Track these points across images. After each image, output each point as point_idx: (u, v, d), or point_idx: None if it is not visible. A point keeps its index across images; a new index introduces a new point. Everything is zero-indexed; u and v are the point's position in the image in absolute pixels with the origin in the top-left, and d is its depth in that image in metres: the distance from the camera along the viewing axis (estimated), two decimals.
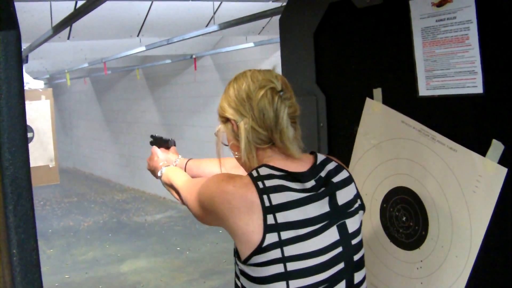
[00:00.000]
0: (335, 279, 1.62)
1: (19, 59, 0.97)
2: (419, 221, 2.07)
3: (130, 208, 11.15)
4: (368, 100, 2.22)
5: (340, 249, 1.63)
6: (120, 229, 9.52)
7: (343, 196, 1.69)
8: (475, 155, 1.86)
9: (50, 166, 6.56)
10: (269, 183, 1.58)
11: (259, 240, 1.53)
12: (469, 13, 1.83)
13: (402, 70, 2.07)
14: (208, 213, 1.67)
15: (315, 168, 1.70)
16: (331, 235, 1.62)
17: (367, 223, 2.27)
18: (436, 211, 2.00)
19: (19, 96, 0.98)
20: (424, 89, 2.01)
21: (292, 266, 1.54)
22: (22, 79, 0.99)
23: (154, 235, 8.98)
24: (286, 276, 1.54)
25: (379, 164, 2.20)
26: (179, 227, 9.34)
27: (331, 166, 1.74)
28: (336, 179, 1.71)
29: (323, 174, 1.69)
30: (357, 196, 1.76)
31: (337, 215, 1.65)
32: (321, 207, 1.62)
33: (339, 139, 2.39)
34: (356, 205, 1.73)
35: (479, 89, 1.84)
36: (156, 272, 7.09)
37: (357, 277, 1.69)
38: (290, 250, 1.54)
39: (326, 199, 1.65)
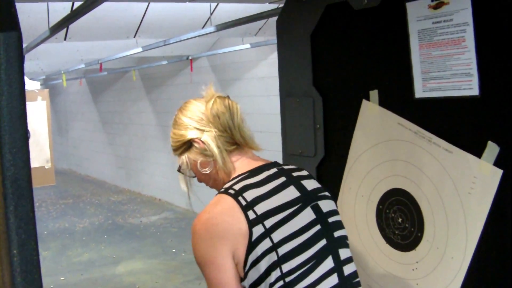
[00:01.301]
0: (321, 255, 1.70)
1: (21, 61, 0.98)
2: (415, 223, 2.08)
3: (125, 210, 11.13)
4: (364, 102, 2.23)
5: (318, 226, 1.73)
6: (115, 230, 9.50)
7: (309, 184, 1.82)
8: (470, 157, 1.87)
9: (46, 167, 6.56)
10: (237, 186, 1.70)
11: (248, 236, 1.61)
12: (466, 16, 1.84)
13: (399, 72, 2.09)
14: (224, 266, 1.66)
15: (275, 163, 1.86)
16: (308, 215, 1.73)
17: (363, 224, 2.28)
18: (431, 213, 2.01)
19: (20, 97, 0.99)
20: (420, 91, 2.02)
21: (282, 250, 1.63)
22: (23, 80, 1.00)
23: (149, 236, 8.98)
24: (279, 262, 1.62)
25: (375, 165, 2.21)
26: (175, 229, 9.33)
27: (292, 166, 1.89)
28: (296, 173, 1.84)
29: (285, 167, 1.85)
30: (324, 189, 1.87)
31: (308, 198, 1.77)
32: (291, 193, 1.75)
33: (335, 141, 2.40)
34: (325, 193, 1.84)
35: (475, 91, 1.85)
36: (152, 273, 7.09)
37: (343, 253, 1.77)
38: (277, 236, 1.64)
39: (292, 187, 1.76)
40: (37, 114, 6.19)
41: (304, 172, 1.88)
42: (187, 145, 1.84)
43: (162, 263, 7.51)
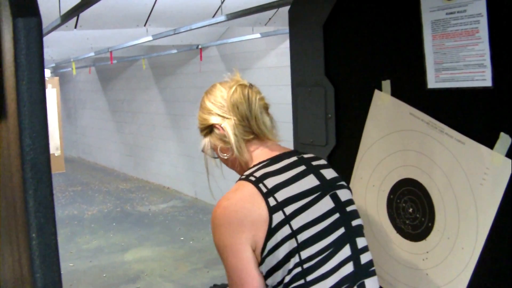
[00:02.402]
0: (339, 243, 1.73)
1: (41, 46, 0.99)
2: (425, 213, 2.08)
3: (134, 198, 11.17)
4: (376, 92, 2.23)
5: (337, 215, 1.76)
6: (124, 218, 9.55)
7: (328, 173, 1.85)
8: (483, 148, 1.87)
9: (56, 154, 6.60)
10: (258, 173, 1.73)
11: (267, 222, 1.64)
12: (480, 7, 1.84)
13: (411, 63, 2.09)
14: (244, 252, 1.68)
15: (295, 151, 1.89)
16: (327, 203, 1.76)
17: (374, 214, 2.29)
18: (443, 203, 2.02)
19: (40, 82, 1.00)
20: (433, 82, 2.02)
21: (301, 237, 1.66)
22: (43, 66, 1.01)
23: (158, 224, 9.01)
24: (298, 248, 1.65)
25: (386, 155, 2.22)
26: (183, 217, 9.36)
27: (309, 155, 1.91)
28: (315, 163, 1.87)
29: (305, 156, 1.88)
30: (341, 178, 1.90)
31: (327, 187, 1.80)
32: (310, 181, 1.78)
33: (347, 131, 2.41)
34: (343, 183, 1.88)
35: (488, 82, 1.85)
36: (160, 261, 7.12)
37: (360, 242, 1.80)
38: (296, 223, 1.66)
39: (312, 175, 1.79)
40: (47, 102, 6.21)
41: (323, 161, 1.90)
42: (209, 129, 1.88)
43: (170, 251, 7.55)
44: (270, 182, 1.70)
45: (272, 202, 1.66)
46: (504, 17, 1.79)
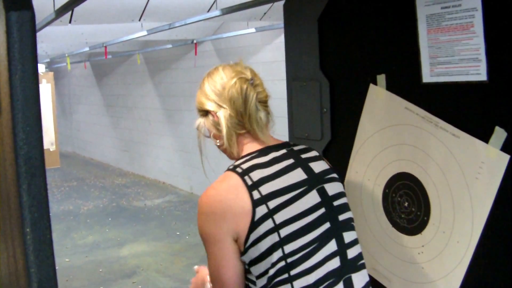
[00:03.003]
0: (324, 237, 1.74)
1: (34, 40, 0.98)
2: (421, 207, 2.09)
3: (129, 193, 11.17)
4: (371, 86, 2.23)
5: (323, 209, 1.76)
6: (119, 213, 9.54)
7: (317, 166, 1.85)
8: (478, 142, 1.87)
9: (51, 149, 6.58)
10: (245, 165, 1.74)
11: (250, 215, 1.65)
12: (474, 1, 1.83)
13: (406, 57, 2.08)
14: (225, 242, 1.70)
15: (286, 143, 1.89)
16: (313, 198, 1.76)
17: (370, 208, 2.29)
18: (438, 197, 2.02)
19: (33, 76, 1.00)
20: (428, 76, 2.02)
21: (284, 231, 1.67)
22: (36, 59, 1.00)
23: (153, 219, 9.01)
24: (281, 243, 1.66)
25: (382, 149, 2.22)
26: (179, 212, 9.36)
27: (300, 146, 1.91)
28: (305, 155, 1.87)
29: (295, 148, 1.88)
30: (332, 170, 1.90)
31: (315, 181, 1.80)
32: (297, 175, 1.78)
33: (342, 125, 2.41)
34: (333, 175, 1.88)
35: (483, 77, 1.85)
36: (156, 256, 7.13)
37: (347, 236, 1.81)
38: (279, 217, 1.67)
39: (300, 169, 1.79)
40: (42, 96, 6.19)
41: (313, 153, 1.90)
42: (205, 112, 1.88)
43: (166, 245, 7.55)
44: (256, 175, 1.71)
45: (256, 195, 1.67)
46: (499, 12, 1.79)
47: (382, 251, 2.25)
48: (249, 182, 1.69)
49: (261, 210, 1.66)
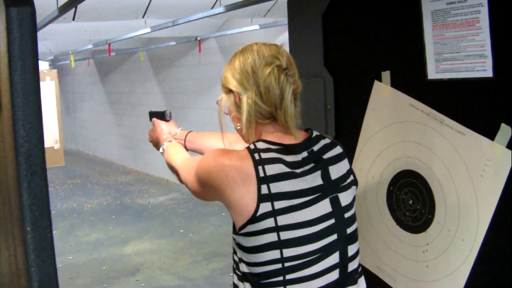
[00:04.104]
0: (328, 249, 1.67)
1: (34, 36, 0.97)
2: (426, 204, 2.07)
3: (133, 190, 11.17)
4: (376, 82, 2.21)
5: (332, 220, 1.69)
6: (123, 211, 9.54)
7: (336, 171, 1.74)
8: (483, 139, 1.86)
9: (55, 147, 6.57)
10: (265, 155, 1.64)
11: (253, 209, 1.59)
12: None
13: (411, 53, 2.07)
14: (205, 187, 1.72)
15: (310, 141, 1.75)
16: (324, 207, 1.68)
17: (374, 206, 2.27)
18: (443, 195, 2.01)
19: (34, 73, 0.99)
20: (433, 72, 2.00)
21: (285, 235, 1.60)
22: (37, 56, 0.99)
23: (157, 217, 9.01)
24: (280, 244, 1.60)
25: (386, 147, 2.20)
26: (182, 210, 9.36)
27: (325, 141, 1.79)
28: (328, 155, 1.76)
29: (316, 148, 1.75)
30: (350, 171, 1.81)
31: (330, 188, 1.71)
32: (313, 180, 1.68)
33: (346, 122, 2.39)
34: (349, 180, 1.78)
35: (488, 73, 1.83)
36: (160, 253, 7.12)
37: (351, 250, 1.74)
38: (283, 220, 1.60)
39: (318, 173, 1.70)
40: (46, 94, 6.19)
41: (337, 150, 1.79)
42: (228, 90, 1.76)
43: (169, 243, 7.54)
44: (272, 170, 1.62)
45: (264, 190, 1.59)
46: (505, 7, 1.77)
47: (386, 249, 2.24)
48: (261, 174, 1.60)
49: (265, 207, 1.59)
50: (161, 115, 2.41)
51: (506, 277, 1.85)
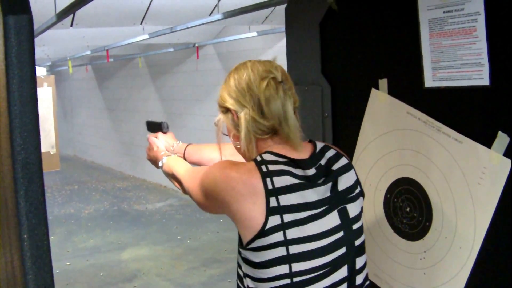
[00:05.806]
0: (337, 263, 1.65)
1: (32, 44, 0.97)
2: (423, 212, 2.07)
3: (131, 196, 11.16)
4: (373, 90, 2.22)
5: (341, 233, 1.66)
6: (121, 217, 9.53)
7: (344, 182, 1.72)
8: (480, 147, 1.86)
9: (51, 152, 6.57)
10: (272, 167, 1.61)
11: (262, 223, 1.56)
12: (477, 5, 1.82)
13: (409, 61, 2.07)
14: (211, 200, 1.70)
15: (315, 156, 1.73)
16: (332, 219, 1.65)
17: (371, 213, 2.27)
18: (440, 202, 2.01)
19: (31, 81, 0.99)
20: (430, 80, 2.00)
21: (294, 249, 1.57)
22: (34, 64, 0.99)
23: (155, 223, 9.00)
24: (289, 259, 1.57)
25: (383, 154, 2.20)
26: (180, 216, 9.35)
27: (330, 153, 1.77)
28: (336, 166, 1.74)
29: (323, 162, 1.72)
30: (357, 182, 1.79)
31: (338, 200, 1.68)
32: (322, 192, 1.65)
33: (344, 129, 2.39)
34: (357, 191, 1.76)
35: (485, 81, 1.83)
36: (157, 260, 7.11)
37: (359, 262, 1.72)
38: (292, 233, 1.57)
39: (329, 185, 1.67)
40: (43, 100, 6.20)
41: (343, 161, 1.77)
42: (225, 109, 1.75)
43: (167, 249, 7.54)
44: (280, 181, 1.59)
45: (273, 202, 1.56)
46: (502, 16, 1.78)
47: (383, 256, 2.23)
48: (270, 187, 1.57)
49: (274, 220, 1.55)
50: (158, 126, 2.38)
51: (504, 285, 1.85)
